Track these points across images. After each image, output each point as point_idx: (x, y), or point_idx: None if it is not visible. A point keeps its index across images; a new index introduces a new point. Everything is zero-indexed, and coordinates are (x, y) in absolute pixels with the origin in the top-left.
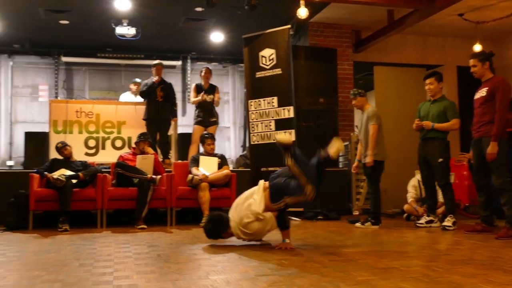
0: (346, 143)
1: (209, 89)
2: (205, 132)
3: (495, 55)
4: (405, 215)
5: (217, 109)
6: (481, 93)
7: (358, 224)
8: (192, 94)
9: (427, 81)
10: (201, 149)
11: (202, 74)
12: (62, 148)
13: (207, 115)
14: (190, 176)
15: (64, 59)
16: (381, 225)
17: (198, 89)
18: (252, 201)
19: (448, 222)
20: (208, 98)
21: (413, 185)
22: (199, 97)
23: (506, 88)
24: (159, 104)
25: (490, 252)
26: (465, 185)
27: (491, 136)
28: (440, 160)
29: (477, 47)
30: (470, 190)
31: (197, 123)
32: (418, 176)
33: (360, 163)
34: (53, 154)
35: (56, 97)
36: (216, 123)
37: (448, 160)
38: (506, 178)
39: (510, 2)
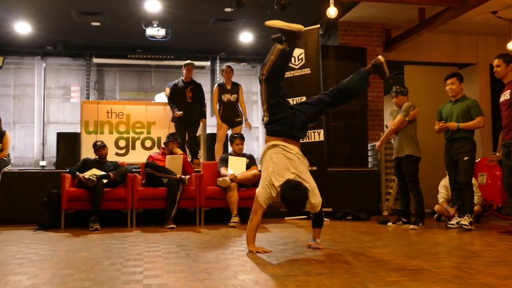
0: (375, 143)
1: (232, 88)
2: (234, 132)
3: None
4: (435, 215)
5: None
6: (505, 96)
7: (413, 226)
8: (214, 94)
9: (449, 81)
10: (229, 149)
11: (224, 73)
12: (101, 147)
13: (231, 114)
14: (220, 179)
15: (96, 60)
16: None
17: (220, 88)
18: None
19: (465, 221)
20: (232, 97)
21: (444, 186)
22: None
23: None
24: (189, 105)
25: None
26: (498, 185)
27: None
28: (466, 158)
29: (511, 45)
30: (503, 190)
31: (222, 121)
32: None
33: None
34: (85, 154)
35: (88, 98)
36: (241, 122)
37: (474, 160)
38: None
39: None
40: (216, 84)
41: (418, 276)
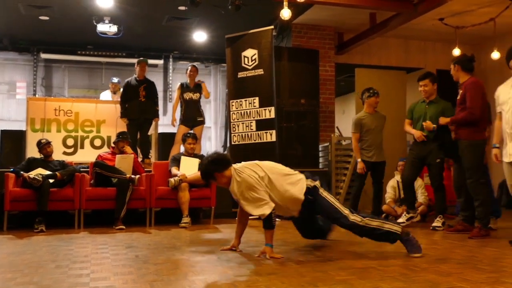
0: (326, 144)
1: (195, 87)
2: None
3: (475, 61)
4: (383, 215)
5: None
6: (459, 96)
7: None
8: (176, 93)
9: (421, 83)
10: (182, 149)
11: (188, 72)
12: (45, 144)
13: (193, 114)
14: (171, 180)
15: (43, 56)
16: None
17: (183, 88)
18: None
19: (437, 222)
20: (195, 96)
21: (392, 186)
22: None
23: (477, 88)
24: (142, 104)
25: (466, 251)
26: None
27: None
28: (438, 160)
29: (456, 51)
30: (449, 190)
31: (182, 122)
32: (397, 177)
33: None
34: (30, 153)
35: (34, 94)
36: (202, 122)
37: (443, 161)
38: (480, 179)
39: (489, 8)
40: (179, 83)
41: (366, 274)
